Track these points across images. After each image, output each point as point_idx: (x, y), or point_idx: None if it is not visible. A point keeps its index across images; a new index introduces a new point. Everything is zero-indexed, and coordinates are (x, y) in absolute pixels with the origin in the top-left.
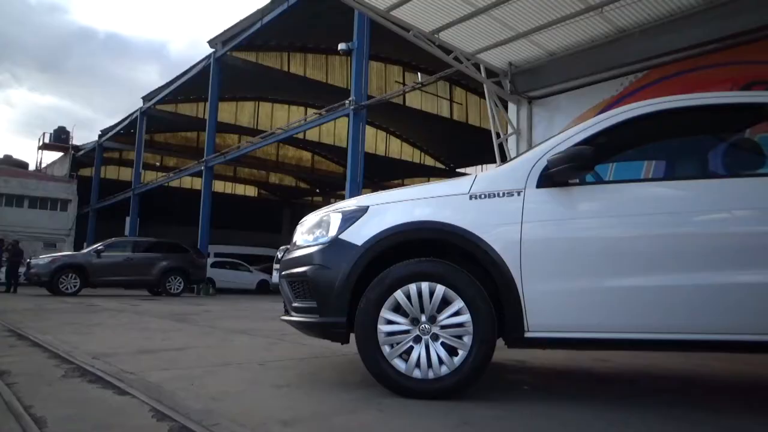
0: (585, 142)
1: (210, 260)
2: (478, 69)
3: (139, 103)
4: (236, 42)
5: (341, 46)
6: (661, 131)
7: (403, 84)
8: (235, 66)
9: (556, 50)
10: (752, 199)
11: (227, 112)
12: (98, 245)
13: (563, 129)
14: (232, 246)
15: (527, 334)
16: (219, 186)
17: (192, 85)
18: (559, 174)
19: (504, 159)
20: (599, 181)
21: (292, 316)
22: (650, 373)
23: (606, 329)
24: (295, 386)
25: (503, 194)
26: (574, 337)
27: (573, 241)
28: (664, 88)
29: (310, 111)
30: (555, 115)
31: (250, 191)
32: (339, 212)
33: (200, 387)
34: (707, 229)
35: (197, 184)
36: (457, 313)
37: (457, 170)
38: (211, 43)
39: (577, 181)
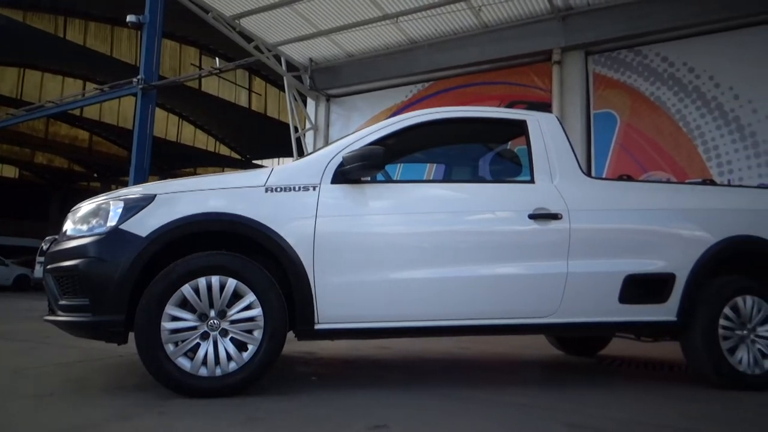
0: (377, 142)
1: None
2: (279, 61)
3: None
4: None
5: (130, 18)
6: (442, 137)
7: (200, 68)
8: None
9: (354, 52)
10: (511, 201)
11: None
12: None
13: (359, 128)
14: None
15: (317, 326)
16: None
17: None
18: (352, 171)
19: (301, 153)
20: (388, 180)
21: (58, 315)
22: (424, 357)
23: (390, 319)
24: (61, 394)
25: (299, 188)
26: (362, 327)
27: (363, 236)
28: (445, 98)
29: (90, 85)
30: (352, 114)
31: (9, 172)
32: (120, 200)
33: None
34: (477, 227)
35: None
36: (248, 307)
37: (254, 162)
38: None
39: (369, 179)
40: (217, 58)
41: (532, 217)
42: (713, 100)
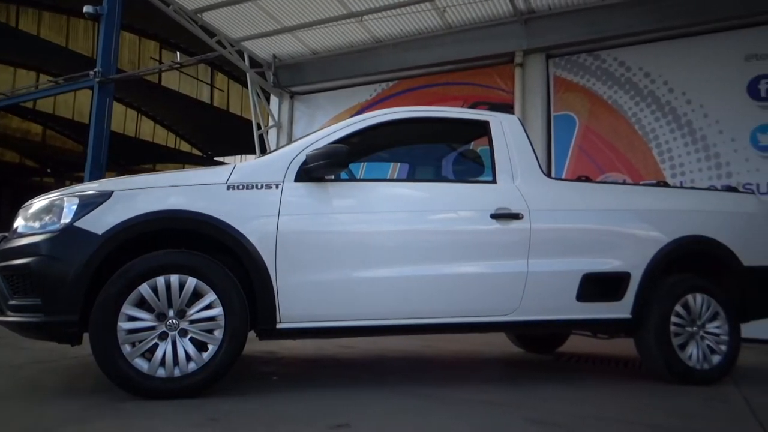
0: (341, 140)
1: None
2: (242, 57)
3: None
4: None
5: (87, 8)
6: (406, 137)
7: (160, 62)
8: None
9: (319, 49)
10: (473, 201)
11: None
12: None
13: (323, 126)
14: None
15: (279, 326)
16: None
17: None
18: (316, 169)
19: (264, 151)
20: (352, 178)
21: (8, 316)
22: (387, 355)
23: (353, 317)
24: (10, 398)
25: (262, 186)
26: (325, 326)
27: (326, 234)
28: (409, 98)
29: (44, 77)
30: (316, 112)
31: None
32: (75, 196)
33: None
34: (440, 226)
35: None
36: (208, 307)
37: (215, 159)
38: None
39: (332, 177)
40: (177, 53)
41: (493, 216)
42: (667, 105)
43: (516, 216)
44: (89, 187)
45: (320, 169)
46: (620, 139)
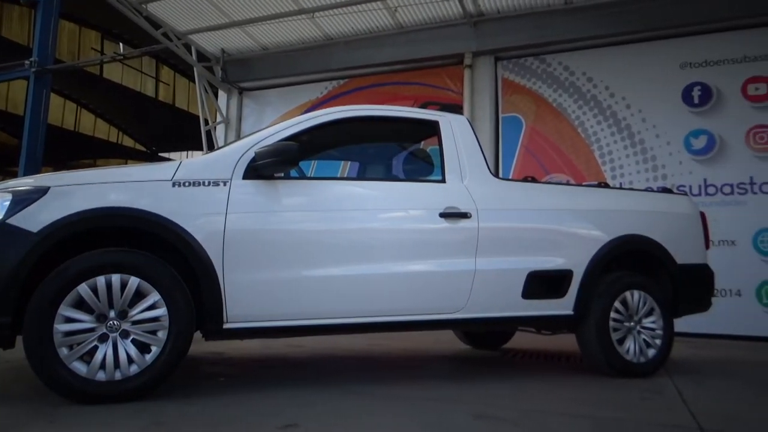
0: (291, 138)
1: None
2: (190, 51)
3: None
4: None
5: None
6: (357, 135)
7: (102, 53)
8: None
9: (269, 45)
10: (423, 200)
11: None
12: None
13: (272, 123)
14: None
15: (226, 326)
16: None
17: None
18: (265, 167)
19: (212, 148)
20: (302, 176)
21: None
22: (336, 354)
23: (302, 316)
24: None
25: (209, 183)
26: (272, 325)
27: (275, 233)
28: (360, 96)
29: None
30: (265, 108)
31: None
32: (8, 192)
33: None
34: (389, 225)
35: None
36: (152, 307)
37: (160, 155)
38: None
39: (282, 175)
40: (120, 44)
41: (442, 215)
42: (608, 109)
43: (464, 215)
44: (23, 183)
45: (269, 166)
46: (564, 141)
